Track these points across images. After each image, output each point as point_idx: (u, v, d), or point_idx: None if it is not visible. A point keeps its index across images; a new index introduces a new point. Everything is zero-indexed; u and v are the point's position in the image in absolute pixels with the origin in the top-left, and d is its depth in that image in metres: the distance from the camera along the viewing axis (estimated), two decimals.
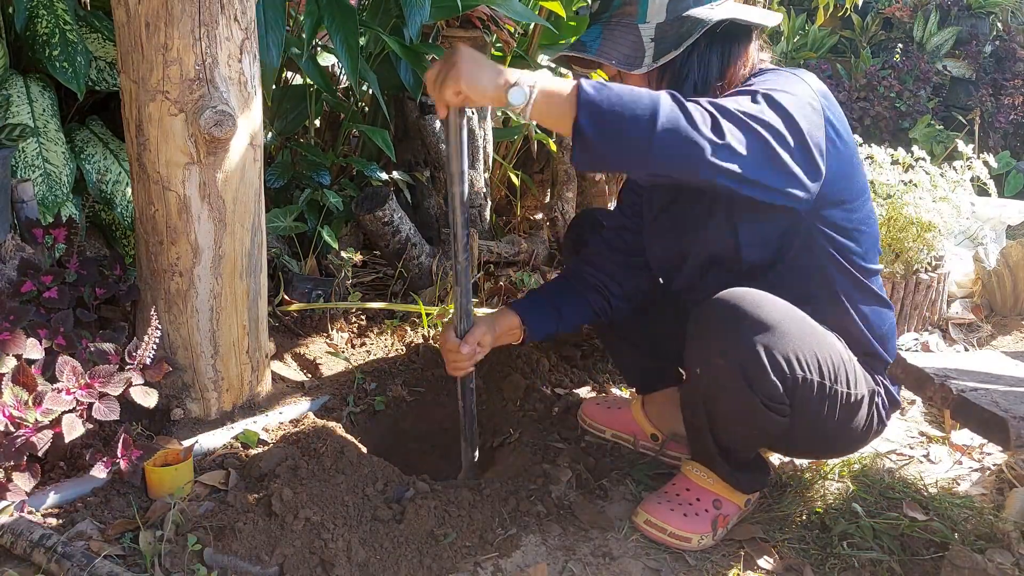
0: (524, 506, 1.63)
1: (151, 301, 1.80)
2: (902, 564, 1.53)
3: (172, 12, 1.56)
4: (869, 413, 1.55)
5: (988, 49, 5.44)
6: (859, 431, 1.56)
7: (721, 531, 1.60)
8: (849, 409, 1.50)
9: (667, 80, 1.47)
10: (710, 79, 1.47)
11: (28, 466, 1.53)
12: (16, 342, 1.58)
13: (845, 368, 1.48)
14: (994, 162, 3.02)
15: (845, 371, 1.48)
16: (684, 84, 1.46)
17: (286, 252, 2.56)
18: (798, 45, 5.80)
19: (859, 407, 1.52)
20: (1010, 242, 2.85)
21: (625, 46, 1.45)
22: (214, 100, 1.62)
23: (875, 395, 1.57)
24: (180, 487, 1.61)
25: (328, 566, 1.43)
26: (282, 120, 2.66)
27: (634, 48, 1.45)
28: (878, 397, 1.58)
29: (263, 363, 1.97)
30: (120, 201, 2.17)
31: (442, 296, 2.60)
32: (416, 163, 2.90)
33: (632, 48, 1.45)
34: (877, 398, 1.57)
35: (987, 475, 1.85)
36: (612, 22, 1.48)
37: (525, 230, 3.21)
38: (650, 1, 1.44)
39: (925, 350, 2.51)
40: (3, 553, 1.45)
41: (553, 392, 2.09)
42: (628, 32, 1.46)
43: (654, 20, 1.45)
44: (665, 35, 1.43)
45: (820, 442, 1.58)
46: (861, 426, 1.55)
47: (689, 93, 1.44)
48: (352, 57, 2.27)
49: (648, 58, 1.43)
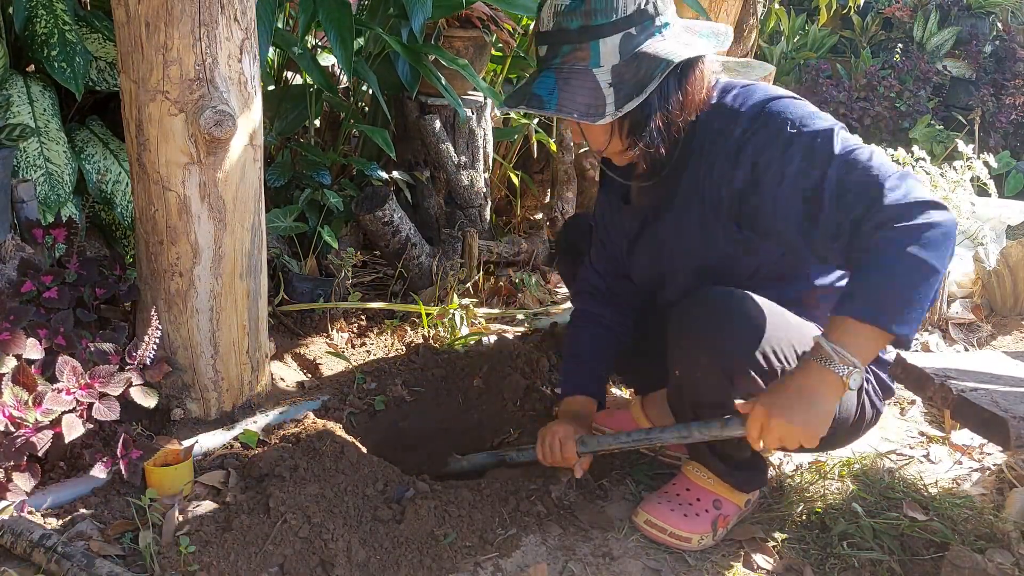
0: (524, 506, 1.63)
1: (151, 301, 1.80)
2: (902, 564, 1.53)
3: (172, 12, 1.56)
4: (859, 401, 1.55)
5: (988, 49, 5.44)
6: (850, 421, 1.55)
7: (721, 531, 1.60)
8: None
9: (629, 122, 1.42)
10: (671, 115, 1.43)
11: (28, 466, 1.53)
12: (16, 342, 1.58)
13: None
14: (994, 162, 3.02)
15: None
16: (648, 123, 1.42)
17: (286, 252, 2.56)
18: (798, 45, 5.80)
19: (846, 397, 1.51)
20: (1010, 242, 2.85)
21: (584, 96, 1.37)
22: (214, 100, 1.62)
23: (864, 382, 1.55)
24: (180, 487, 1.61)
25: (328, 566, 1.43)
26: (282, 120, 2.66)
27: (593, 96, 1.37)
28: (868, 384, 1.57)
29: (263, 363, 1.97)
30: (120, 201, 2.17)
31: (442, 296, 2.60)
32: (416, 163, 2.90)
33: (592, 96, 1.37)
34: (867, 385, 1.57)
35: (987, 475, 1.85)
36: (565, 69, 1.40)
37: (525, 230, 3.21)
38: (601, 43, 1.37)
39: (925, 350, 2.51)
40: (3, 553, 1.45)
41: (553, 392, 2.09)
42: (583, 79, 1.37)
43: (608, 63, 1.37)
44: (623, 79, 1.37)
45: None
46: (852, 415, 1.54)
47: (653, 130, 1.41)
48: (346, 50, 2.27)
49: (611, 107, 1.36)
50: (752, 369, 1.41)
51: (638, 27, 1.37)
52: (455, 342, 2.30)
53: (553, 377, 2.15)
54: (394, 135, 2.87)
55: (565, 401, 1.75)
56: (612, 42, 1.36)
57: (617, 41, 1.37)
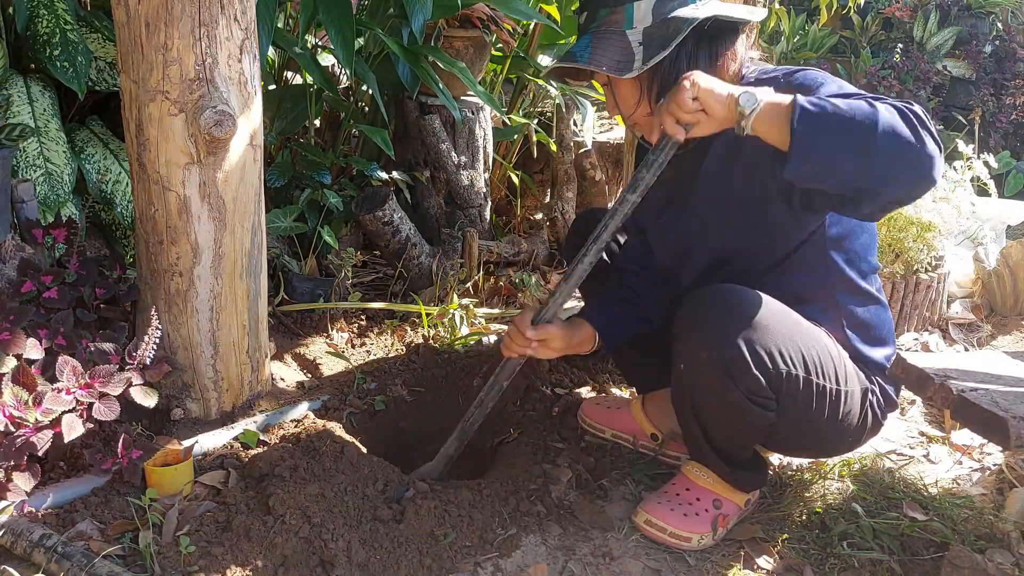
0: (524, 506, 1.63)
1: (151, 301, 1.80)
2: (902, 564, 1.53)
3: (172, 12, 1.56)
4: (863, 411, 1.55)
5: (988, 49, 5.44)
6: (852, 429, 1.55)
7: (721, 531, 1.60)
8: (839, 406, 1.50)
9: (657, 82, 1.48)
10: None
11: (28, 466, 1.53)
12: (16, 342, 1.58)
13: (834, 364, 1.49)
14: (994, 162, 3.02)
15: (834, 367, 1.48)
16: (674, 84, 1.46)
17: (286, 252, 2.56)
18: (798, 45, 5.80)
19: (850, 404, 1.52)
20: (1010, 242, 2.85)
21: (615, 53, 1.46)
22: (214, 100, 1.62)
23: (869, 393, 1.56)
24: (180, 487, 1.61)
25: (328, 566, 1.43)
26: (282, 120, 2.66)
27: (623, 54, 1.45)
28: (872, 396, 1.57)
29: (263, 363, 1.97)
30: (120, 201, 2.17)
31: (442, 296, 2.60)
32: (416, 163, 2.90)
33: (622, 54, 1.45)
34: (872, 396, 1.57)
35: (987, 475, 1.85)
36: (600, 31, 1.49)
37: (525, 230, 3.21)
38: (635, 7, 1.45)
39: (925, 350, 2.51)
40: (3, 553, 1.45)
41: (553, 392, 2.09)
42: (617, 39, 1.47)
43: (640, 25, 1.46)
44: (652, 38, 1.44)
45: (811, 439, 1.58)
46: (854, 424, 1.55)
47: None
48: (347, 48, 2.27)
49: (638, 61, 1.44)
50: (755, 367, 1.41)
51: None
52: (455, 342, 2.30)
53: (553, 377, 2.15)
54: (394, 135, 2.88)
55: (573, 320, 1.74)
56: (646, 6, 1.45)
57: (651, 5, 1.45)
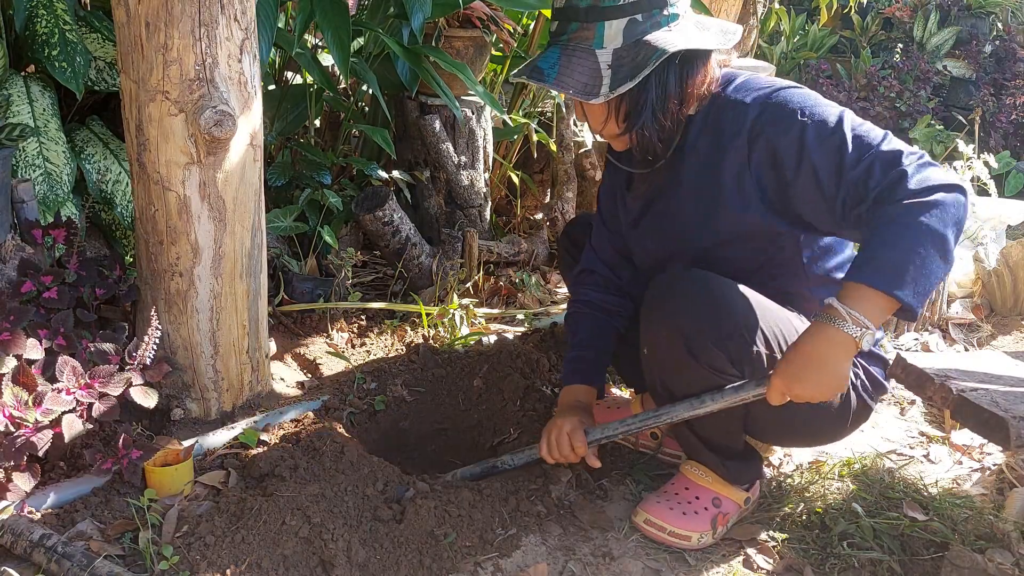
0: (524, 506, 1.63)
1: (151, 301, 1.80)
2: (902, 564, 1.53)
3: (172, 12, 1.56)
4: (845, 394, 1.55)
5: (988, 49, 5.44)
6: (834, 412, 1.55)
7: (721, 529, 1.60)
8: None
9: (625, 106, 1.45)
10: (668, 102, 1.45)
11: (28, 466, 1.53)
12: (16, 342, 1.58)
13: None
14: (994, 162, 3.03)
15: None
16: (643, 109, 1.45)
17: (286, 252, 2.56)
18: (798, 45, 5.80)
19: None
20: (1010, 242, 2.85)
21: (582, 74, 1.41)
22: (214, 100, 1.62)
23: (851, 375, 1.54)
24: (180, 487, 1.61)
25: (328, 566, 1.43)
26: (282, 120, 2.66)
27: (591, 76, 1.41)
28: (856, 379, 1.57)
29: (263, 363, 1.97)
30: (120, 201, 2.17)
31: (442, 296, 2.60)
32: (416, 163, 2.90)
33: (589, 76, 1.41)
34: (855, 379, 1.56)
35: (987, 475, 1.85)
36: (570, 46, 1.44)
37: (525, 230, 3.21)
38: (606, 26, 1.40)
39: (925, 350, 2.51)
40: (3, 553, 1.45)
41: (553, 392, 2.09)
42: (585, 58, 1.42)
43: (611, 45, 1.41)
44: (622, 62, 1.40)
45: (791, 423, 1.57)
46: (836, 406, 1.54)
47: (648, 117, 1.45)
48: (342, 51, 2.26)
49: (605, 88, 1.40)
50: (713, 343, 1.41)
51: (645, 14, 1.40)
52: (455, 342, 2.30)
53: (553, 377, 2.15)
54: (394, 135, 2.87)
55: (565, 390, 1.74)
56: (617, 25, 1.40)
57: (623, 25, 1.40)
